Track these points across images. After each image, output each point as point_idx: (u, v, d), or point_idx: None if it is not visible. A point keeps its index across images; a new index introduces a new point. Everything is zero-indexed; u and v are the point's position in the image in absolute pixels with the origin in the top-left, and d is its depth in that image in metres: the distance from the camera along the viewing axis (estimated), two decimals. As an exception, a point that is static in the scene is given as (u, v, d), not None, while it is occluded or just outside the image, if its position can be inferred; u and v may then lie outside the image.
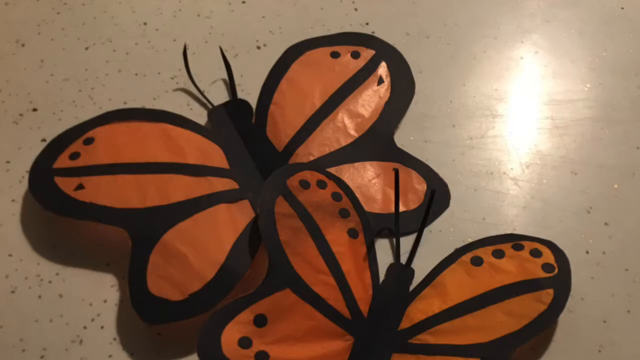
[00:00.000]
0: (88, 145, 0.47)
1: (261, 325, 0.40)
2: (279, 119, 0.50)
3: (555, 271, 0.43)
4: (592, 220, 0.47)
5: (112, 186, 0.45)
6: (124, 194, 0.45)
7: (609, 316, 0.44)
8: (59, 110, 0.52)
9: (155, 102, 0.52)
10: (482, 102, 0.53)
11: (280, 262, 0.42)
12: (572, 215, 0.48)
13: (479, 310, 0.42)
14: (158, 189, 0.46)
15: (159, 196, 0.45)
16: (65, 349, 0.43)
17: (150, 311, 0.42)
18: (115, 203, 0.45)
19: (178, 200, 0.45)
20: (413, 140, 0.51)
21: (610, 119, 0.52)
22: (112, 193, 0.45)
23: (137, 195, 0.45)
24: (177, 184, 0.46)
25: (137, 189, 0.45)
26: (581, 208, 0.48)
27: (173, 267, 0.43)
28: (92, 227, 0.45)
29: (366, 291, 0.43)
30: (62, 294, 0.45)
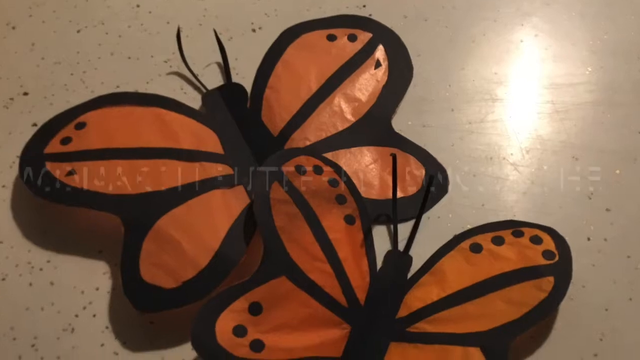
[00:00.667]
0: (80, 130, 0.47)
1: (256, 314, 0.40)
2: (274, 103, 0.49)
3: (555, 258, 0.43)
4: (594, 206, 0.47)
5: (104, 171, 0.45)
6: (117, 180, 0.45)
7: (611, 304, 0.44)
8: (50, 94, 0.51)
9: (148, 86, 0.52)
10: (481, 86, 0.52)
11: (276, 249, 0.42)
12: (573, 201, 0.47)
13: (478, 298, 0.42)
14: (151, 174, 0.45)
15: (152, 182, 0.45)
16: (56, 337, 0.42)
17: (143, 299, 0.42)
18: (107, 189, 0.45)
19: (172, 186, 0.45)
20: (411, 124, 0.51)
21: (612, 103, 0.51)
22: (105, 179, 0.45)
23: (130, 181, 0.45)
24: (170, 169, 0.46)
25: (130, 174, 0.45)
26: (582, 194, 0.48)
27: (166, 254, 0.43)
28: (84, 213, 0.45)
29: (363, 279, 0.43)
30: (53, 282, 0.44)
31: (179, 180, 0.45)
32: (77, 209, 0.45)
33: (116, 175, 0.45)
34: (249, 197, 0.45)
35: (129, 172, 0.45)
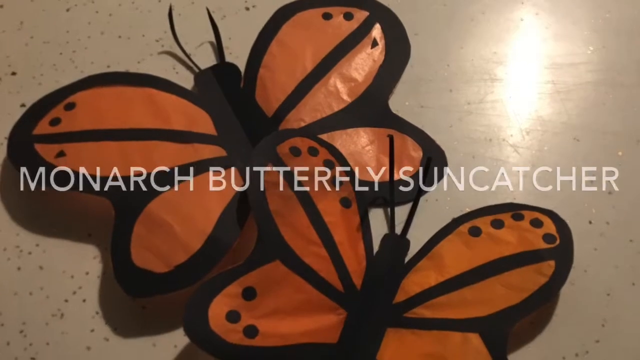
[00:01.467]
0: (69, 110, 0.46)
1: (250, 299, 0.40)
2: (268, 83, 0.49)
3: (556, 242, 0.42)
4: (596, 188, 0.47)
5: (94, 153, 0.45)
6: (107, 161, 0.45)
7: (613, 289, 0.43)
8: (39, 74, 0.51)
9: (139, 66, 0.51)
10: (480, 66, 0.52)
11: (270, 233, 0.41)
12: None
13: (477, 283, 0.41)
14: (142, 156, 0.45)
15: (143, 164, 0.45)
16: (45, 323, 0.42)
17: (134, 284, 0.42)
18: (97, 171, 0.44)
19: (163, 168, 0.45)
20: (408, 105, 0.50)
21: (614, 83, 0.51)
22: (95, 160, 0.45)
23: (121, 163, 0.45)
24: (162, 150, 0.45)
25: (121, 156, 0.45)
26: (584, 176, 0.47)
27: (158, 238, 0.43)
28: (74, 196, 0.44)
29: (359, 263, 0.43)
30: (42, 266, 0.44)
31: (170, 162, 0.45)
32: (67, 192, 0.44)
33: (107, 157, 0.45)
34: (243, 179, 0.45)
35: (119, 153, 0.45)
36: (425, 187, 0.46)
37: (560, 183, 0.47)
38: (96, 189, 0.44)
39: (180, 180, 0.44)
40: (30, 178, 0.44)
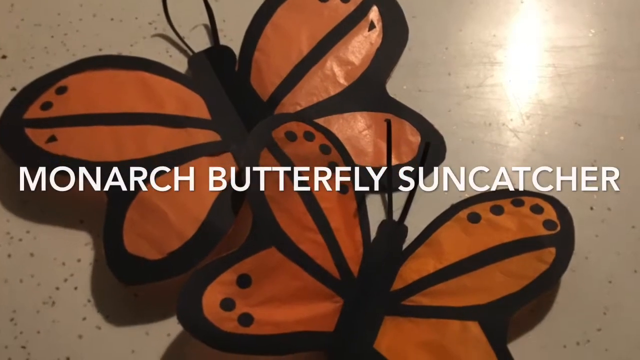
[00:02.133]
0: (61, 94, 0.46)
1: (245, 286, 0.39)
2: (263, 67, 0.49)
3: (557, 228, 0.42)
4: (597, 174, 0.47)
5: (86, 138, 0.44)
6: (99, 146, 0.44)
7: (615, 276, 0.43)
8: (29, 58, 0.51)
9: (132, 49, 0.51)
10: (479, 49, 0.52)
11: (265, 219, 0.41)
12: None
13: (477, 270, 0.41)
14: (135, 140, 0.45)
15: (136, 149, 0.44)
16: (36, 310, 0.42)
17: (127, 271, 0.42)
18: (89, 156, 0.44)
19: (156, 153, 0.44)
20: (406, 89, 0.50)
21: (616, 67, 0.51)
22: (87, 145, 0.44)
23: (113, 148, 0.44)
24: (155, 135, 0.45)
25: (113, 140, 0.45)
26: (585, 161, 0.47)
27: (151, 224, 0.42)
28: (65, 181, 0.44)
29: (356, 250, 0.43)
30: (33, 253, 0.44)
31: (163, 147, 0.45)
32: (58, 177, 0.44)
33: (99, 141, 0.44)
34: (237, 164, 0.45)
35: (112, 138, 0.45)
36: (424, 172, 0.46)
37: (561, 169, 0.47)
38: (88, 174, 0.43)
39: (173, 165, 0.44)
40: (21, 163, 0.44)
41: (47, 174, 0.43)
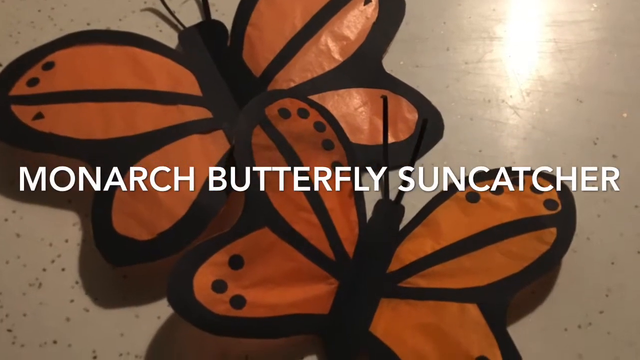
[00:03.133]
0: (47, 70, 0.46)
1: (237, 267, 0.39)
2: (256, 42, 0.48)
3: (558, 208, 0.42)
4: (599, 152, 0.46)
5: (74, 115, 0.44)
6: (87, 124, 0.44)
7: (617, 257, 0.43)
8: (15, 32, 0.50)
9: (121, 24, 0.51)
10: (478, 23, 0.52)
11: (258, 198, 0.41)
12: (577, 146, 0.47)
13: (476, 251, 0.41)
14: (124, 118, 0.44)
15: (125, 126, 0.44)
16: (22, 293, 0.41)
17: (116, 252, 0.41)
18: (77, 133, 0.44)
19: (146, 130, 0.44)
20: (403, 64, 0.50)
21: (619, 42, 0.51)
22: (74, 122, 0.44)
23: (102, 125, 0.44)
24: (144, 112, 0.45)
25: (102, 118, 0.44)
26: (587, 139, 0.47)
27: (141, 204, 0.42)
28: (53, 160, 0.44)
29: (352, 230, 0.42)
30: (19, 234, 0.43)
31: (153, 125, 0.44)
32: (45, 155, 0.44)
33: (87, 118, 0.44)
34: (229, 142, 0.44)
35: (100, 115, 0.44)
36: (421, 150, 0.45)
37: (562, 146, 0.47)
38: (76, 152, 0.43)
39: (163, 143, 0.44)
40: (7, 141, 0.44)
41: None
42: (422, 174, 0.45)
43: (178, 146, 0.44)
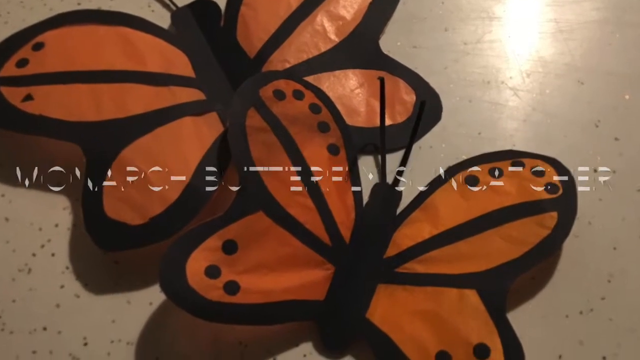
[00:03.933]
0: (37, 51, 0.46)
1: (231, 253, 0.39)
2: (250, 22, 0.48)
3: (559, 192, 0.41)
4: (601, 134, 0.46)
5: (64, 97, 0.44)
6: (78, 106, 0.44)
7: (620, 242, 0.43)
8: (5, 12, 0.51)
9: (112, 3, 0.51)
10: (477, 3, 0.51)
11: (252, 182, 0.41)
12: (579, 129, 0.46)
13: (474, 236, 0.41)
14: (115, 99, 0.44)
15: (116, 108, 0.44)
16: (12, 278, 0.41)
17: (107, 237, 0.41)
18: (67, 115, 0.43)
19: (137, 112, 0.44)
20: (400, 45, 0.50)
21: (621, 22, 0.50)
22: (64, 104, 0.44)
23: (92, 107, 0.44)
24: (136, 94, 0.44)
25: (92, 99, 0.44)
26: (588, 121, 0.47)
27: (132, 188, 0.42)
28: (42, 142, 0.44)
29: (348, 214, 0.42)
30: (8, 218, 0.43)
31: (145, 106, 0.44)
32: (35, 138, 0.44)
33: (77, 100, 0.44)
34: (223, 124, 0.44)
35: (91, 97, 0.44)
36: (419, 133, 0.45)
37: (563, 129, 0.46)
38: (66, 134, 0.43)
39: (155, 125, 0.43)
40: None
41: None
42: (420, 156, 0.45)
43: (170, 128, 0.43)
